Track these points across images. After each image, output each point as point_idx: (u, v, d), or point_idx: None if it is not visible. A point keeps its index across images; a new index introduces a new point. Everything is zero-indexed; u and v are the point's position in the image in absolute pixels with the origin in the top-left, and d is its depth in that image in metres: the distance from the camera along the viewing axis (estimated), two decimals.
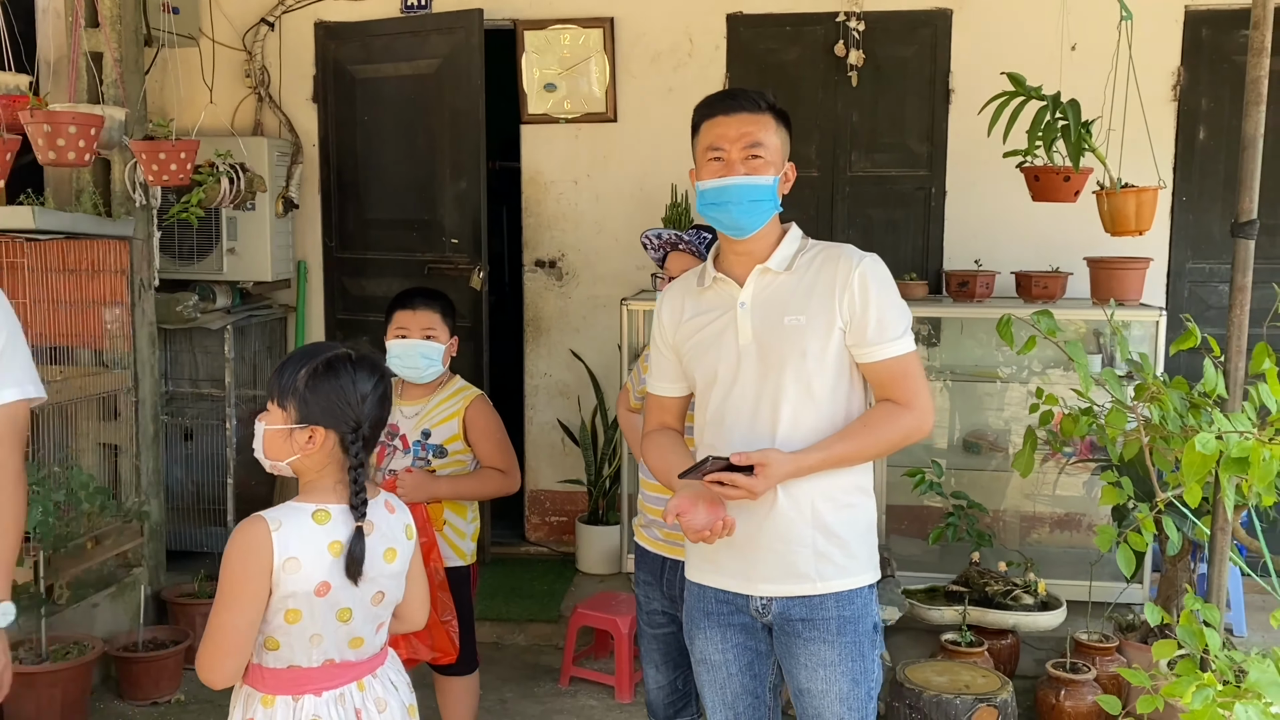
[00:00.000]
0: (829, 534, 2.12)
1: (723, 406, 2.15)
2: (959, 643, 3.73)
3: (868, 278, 2.09)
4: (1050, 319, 2.43)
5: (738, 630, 2.21)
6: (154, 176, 3.21)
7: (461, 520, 3.00)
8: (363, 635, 1.95)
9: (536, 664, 4.20)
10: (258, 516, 1.87)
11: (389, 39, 4.81)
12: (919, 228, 4.76)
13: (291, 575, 1.85)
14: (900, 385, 2.10)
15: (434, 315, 2.92)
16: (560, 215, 4.92)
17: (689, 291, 2.25)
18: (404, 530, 2.02)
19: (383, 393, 1.95)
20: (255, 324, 4.91)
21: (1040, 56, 4.12)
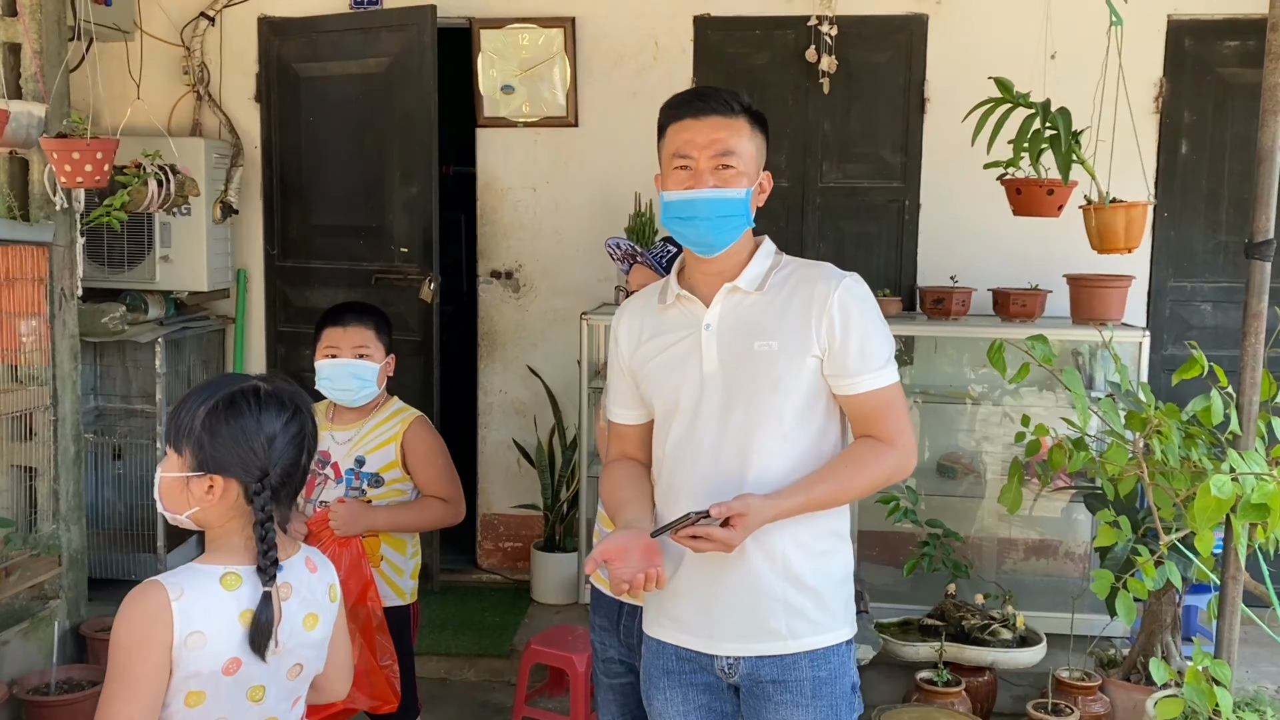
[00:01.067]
0: (801, 586, 1.91)
1: (684, 440, 1.93)
2: (935, 682, 3.53)
3: (849, 302, 1.90)
4: (1045, 345, 2.22)
5: (701, 690, 1.98)
6: (67, 178, 2.93)
7: (400, 556, 2.75)
8: (277, 714, 1.70)
9: (486, 702, 3.95)
10: (154, 582, 1.60)
11: (337, 36, 4.55)
12: (892, 241, 4.57)
13: (195, 652, 1.58)
14: (884, 420, 1.90)
15: (367, 332, 2.68)
16: (518, 224, 4.67)
17: (649, 309, 2.02)
18: (327, 592, 1.76)
19: (297, 432, 1.68)
20: (190, 336, 4.62)
21: (1019, 65, 3.91)
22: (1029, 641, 3.72)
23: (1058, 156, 2.92)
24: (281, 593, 1.67)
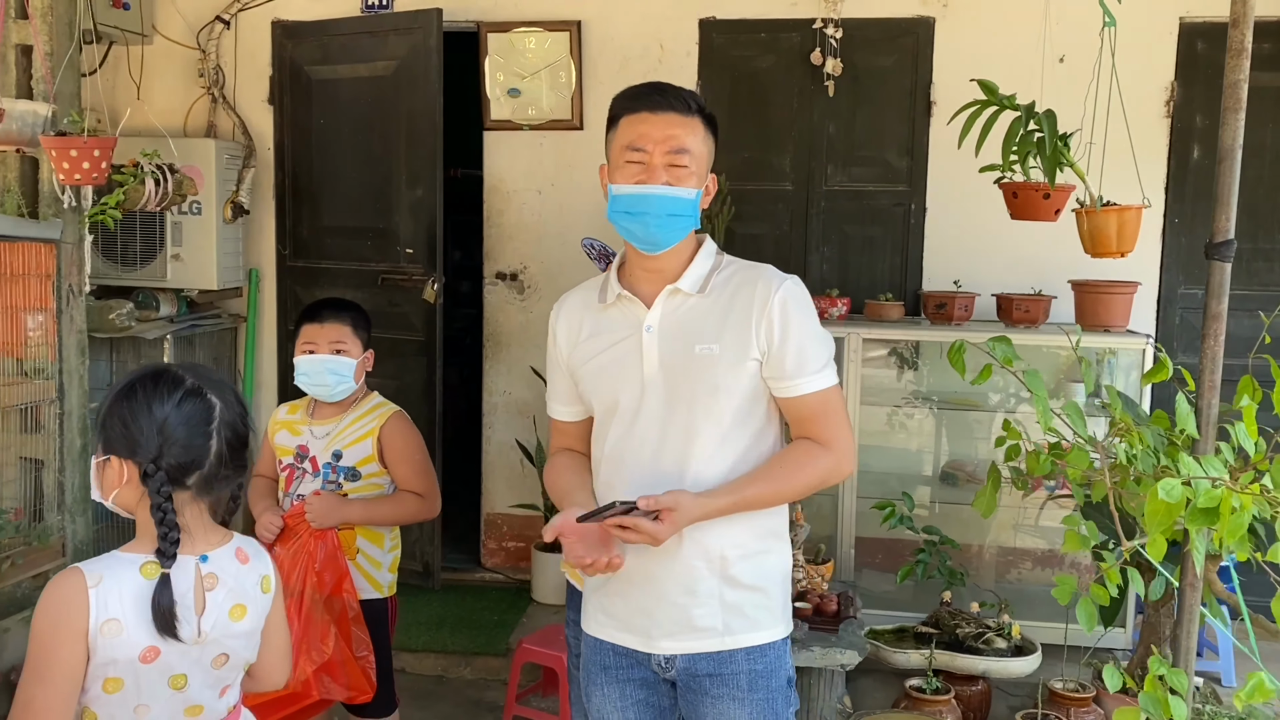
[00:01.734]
0: (736, 584, 1.91)
1: (624, 442, 1.92)
2: (924, 689, 3.49)
3: (789, 304, 1.88)
4: (1007, 345, 2.20)
5: (638, 686, 1.98)
6: (65, 175, 3.01)
7: (377, 549, 2.78)
8: (201, 702, 1.70)
9: (480, 700, 3.97)
10: (74, 569, 1.62)
11: (347, 39, 4.61)
12: (897, 245, 4.53)
13: (111, 640, 1.59)
14: (820, 423, 1.90)
15: (343, 328, 2.71)
16: (523, 226, 4.70)
17: (588, 306, 2.01)
18: (259, 583, 1.76)
19: (195, 414, 1.67)
20: (201, 334, 4.70)
21: (1027, 68, 3.89)
22: (1024, 651, 3.67)
23: (1043, 159, 2.88)
24: (206, 583, 1.68)
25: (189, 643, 1.65)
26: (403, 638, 4.18)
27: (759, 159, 4.57)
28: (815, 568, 3.80)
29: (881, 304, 4.27)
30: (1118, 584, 2.25)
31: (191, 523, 1.69)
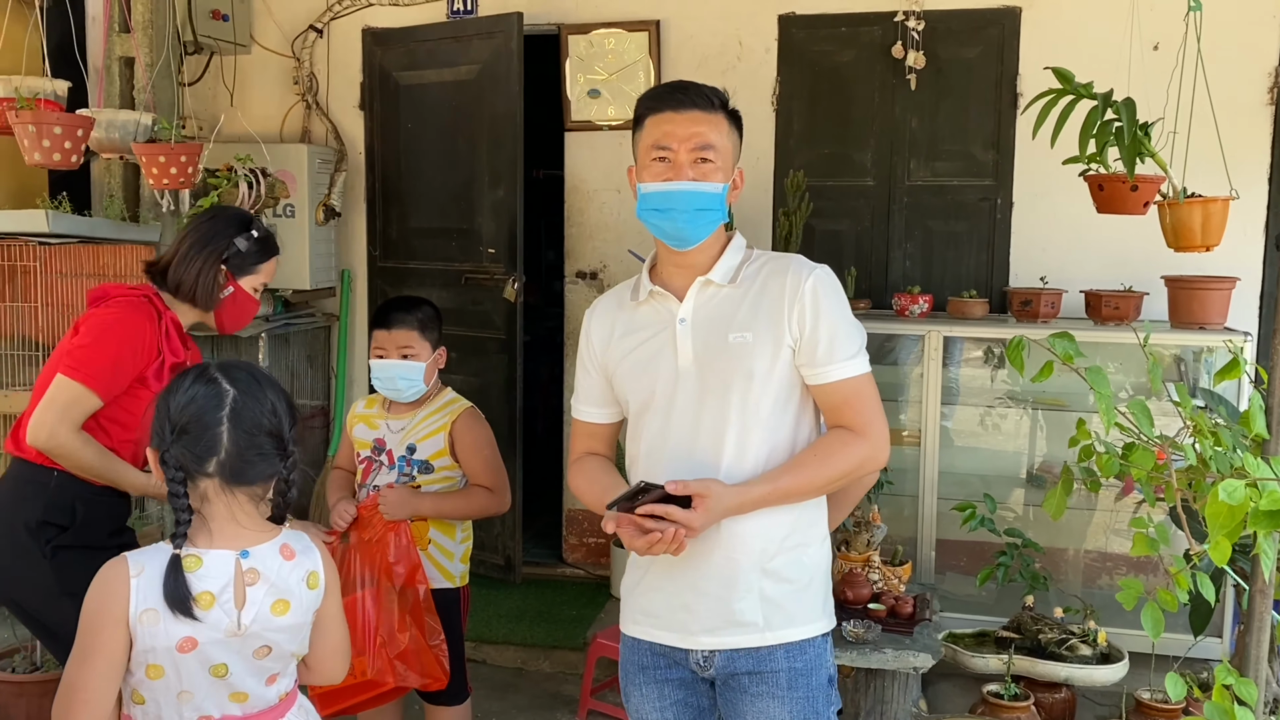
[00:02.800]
0: (776, 578, 1.90)
1: (660, 435, 1.93)
2: (1001, 695, 3.41)
3: (819, 291, 1.89)
4: (1069, 342, 2.13)
5: (676, 686, 1.98)
6: (155, 180, 3.15)
7: (449, 540, 2.84)
8: (246, 690, 1.75)
9: (557, 693, 4.02)
10: (122, 558, 1.68)
11: (433, 45, 4.72)
12: (982, 241, 4.43)
13: (149, 628, 1.65)
14: (853, 410, 1.90)
15: (411, 333, 2.77)
16: (603, 225, 4.75)
17: (621, 306, 2.03)
18: (304, 579, 1.79)
19: (199, 399, 1.69)
20: (295, 332, 4.86)
21: (1117, 58, 3.77)
22: (1111, 659, 3.55)
23: (1122, 149, 2.78)
24: (247, 577, 1.71)
25: (226, 635, 1.69)
26: (483, 629, 4.27)
27: (839, 154, 4.52)
28: (892, 569, 3.74)
29: (964, 301, 4.18)
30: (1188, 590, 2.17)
31: (226, 514, 1.72)
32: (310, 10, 4.95)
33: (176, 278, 2.57)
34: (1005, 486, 4.32)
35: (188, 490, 1.70)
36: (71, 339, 2.49)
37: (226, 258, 2.60)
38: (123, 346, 2.44)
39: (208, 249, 2.58)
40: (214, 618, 1.68)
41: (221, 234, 2.62)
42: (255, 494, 1.75)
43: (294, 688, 1.87)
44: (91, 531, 2.46)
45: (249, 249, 2.65)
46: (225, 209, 2.82)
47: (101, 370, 2.41)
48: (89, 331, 2.46)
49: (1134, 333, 3.82)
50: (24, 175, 4.27)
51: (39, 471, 2.43)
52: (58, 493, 2.43)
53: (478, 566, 4.69)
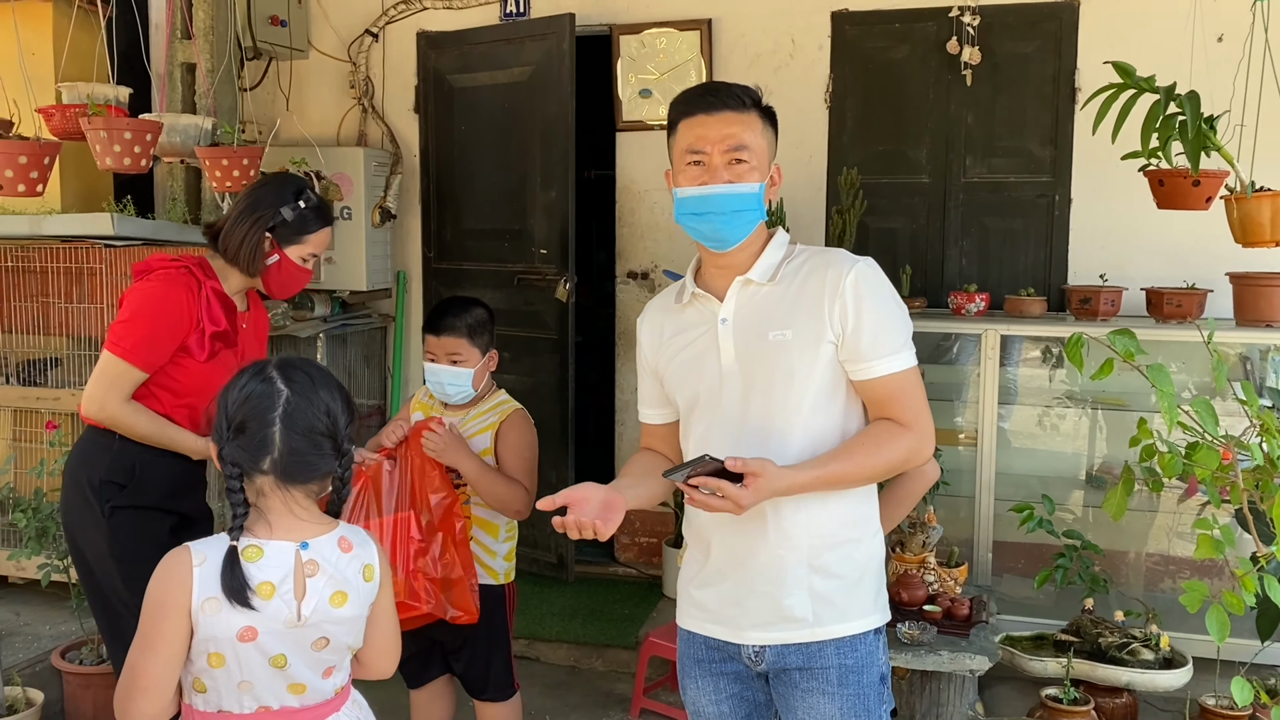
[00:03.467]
0: (826, 573, 1.90)
1: (706, 434, 1.94)
2: (1060, 699, 3.35)
3: (861, 285, 1.86)
4: (1130, 339, 2.10)
5: (731, 679, 1.99)
6: (218, 182, 3.22)
7: (491, 538, 2.86)
8: (304, 681, 1.77)
9: (610, 692, 4.03)
10: (185, 547, 1.71)
11: (486, 47, 4.76)
12: (1040, 238, 4.36)
13: (210, 617, 1.68)
14: (899, 404, 1.88)
15: (459, 340, 2.78)
16: (654, 225, 4.75)
17: (668, 309, 2.05)
18: (361, 571, 1.81)
19: (253, 399, 1.72)
20: (353, 333, 4.93)
21: (1180, 50, 3.69)
22: (1174, 663, 3.47)
23: (1186, 144, 2.72)
24: (307, 569, 1.74)
25: (286, 625, 1.72)
26: (536, 627, 4.30)
27: (894, 152, 4.48)
28: (948, 570, 3.70)
29: (1022, 299, 4.12)
30: (1254, 593, 2.12)
31: (282, 509, 1.75)
32: (366, 15, 5.01)
33: (225, 242, 2.66)
34: (1064, 488, 4.25)
35: (244, 485, 1.74)
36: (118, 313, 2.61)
37: (273, 225, 2.64)
38: (160, 320, 2.54)
39: (255, 215, 2.64)
40: (274, 608, 1.71)
41: (270, 202, 2.66)
42: (311, 490, 1.78)
43: (349, 682, 1.90)
44: (148, 492, 2.58)
45: (295, 218, 2.66)
46: (282, 176, 2.84)
47: (139, 344, 2.52)
48: (129, 306, 2.57)
49: (1197, 330, 3.75)
50: (90, 180, 4.38)
51: (103, 435, 2.58)
52: (119, 455, 2.56)
53: (530, 564, 4.75)
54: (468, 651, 2.83)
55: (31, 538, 3.27)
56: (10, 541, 3.82)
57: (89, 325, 3.65)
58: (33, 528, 3.25)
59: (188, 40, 3.99)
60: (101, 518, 2.54)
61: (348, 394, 1.86)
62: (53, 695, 3.32)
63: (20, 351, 3.89)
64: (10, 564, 3.69)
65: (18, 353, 3.89)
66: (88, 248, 3.56)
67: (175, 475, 2.61)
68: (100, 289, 3.55)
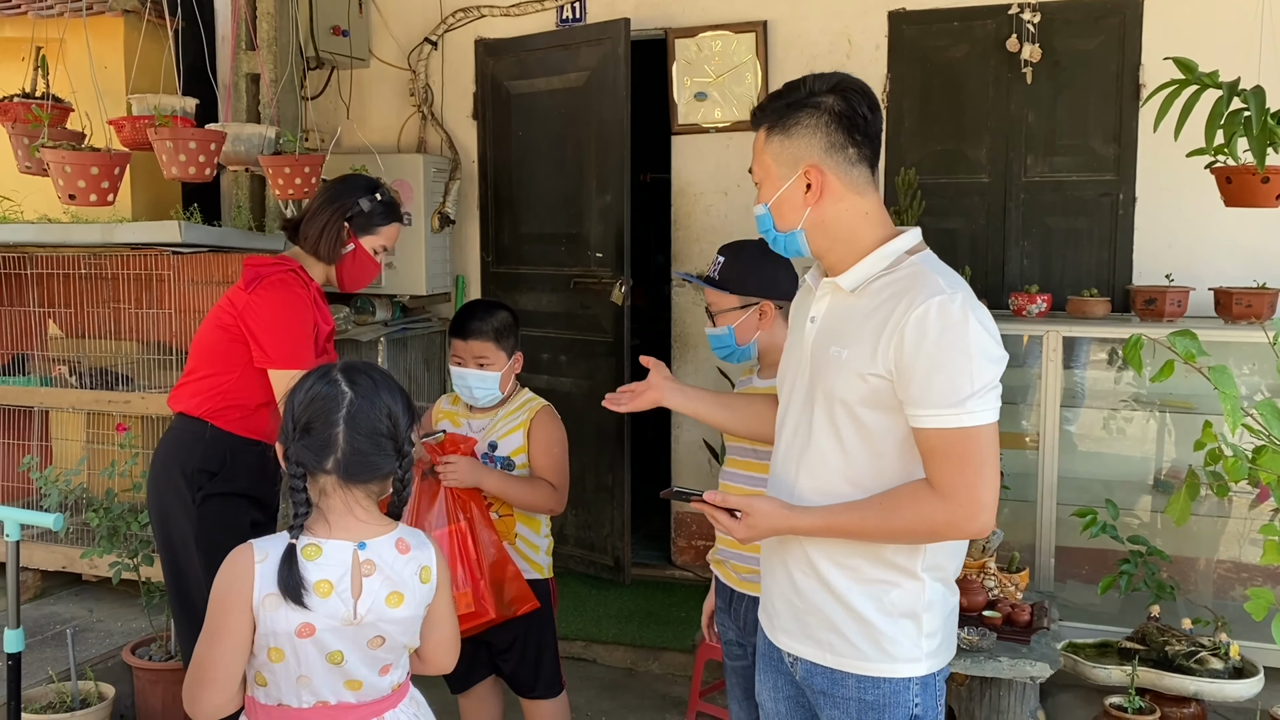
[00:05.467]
0: (849, 609, 1.78)
1: (779, 428, 1.92)
2: (1125, 708, 3.28)
3: (927, 324, 1.65)
4: (1191, 340, 2.05)
5: (788, 681, 1.96)
6: (280, 190, 3.29)
7: (534, 534, 2.89)
8: (360, 678, 1.81)
9: (666, 695, 4.03)
10: (248, 545, 1.77)
11: (542, 53, 4.80)
12: (1104, 238, 4.28)
13: (271, 613, 1.72)
14: (940, 466, 1.67)
15: (486, 344, 2.80)
16: (709, 228, 4.75)
17: (806, 287, 1.97)
18: (418, 573, 1.84)
19: (319, 401, 1.77)
20: (413, 336, 5.00)
21: (1248, 45, 3.61)
22: (1245, 673, 3.38)
23: (1250, 140, 2.65)
24: (364, 569, 1.78)
25: (343, 623, 1.76)
26: (593, 629, 4.32)
27: (953, 151, 4.43)
28: (1008, 575, 3.64)
29: (1085, 300, 4.04)
30: None
31: (343, 508, 1.79)
32: (425, 23, 5.08)
33: (305, 231, 2.82)
34: (1130, 493, 4.16)
35: (307, 485, 1.78)
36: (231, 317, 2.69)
37: (350, 215, 2.81)
38: (302, 321, 2.70)
39: (334, 205, 2.81)
40: (331, 606, 1.75)
41: (348, 193, 2.84)
42: (371, 491, 1.81)
43: (406, 679, 1.93)
44: (235, 478, 2.72)
45: (372, 209, 2.85)
46: (357, 175, 3.04)
47: (300, 348, 2.66)
48: (267, 319, 2.66)
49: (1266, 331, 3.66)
50: (159, 189, 4.51)
51: (197, 423, 2.72)
52: (211, 444, 2.71)
53: (587, 567, 4.77)
54: (517, 650, 2.85)
55: (104, 536, 3.37)
56: (84, 540, 3.93)
57: (158, 330, 3.75)
58: (105, 527, 3.35)
59: (252, 51, 4.08)
60: (191, 505, 2.68)
61: (409, 397, 1.90)
62: (124, 690, 3.42)
63: (94, 356, 4.01)
64: (84, 562, 3.80)
65: (91, 357, 4.02)
66: (156, 255, 3.66)
67: (259, 464, 2.73)
68: (168, 295, 3.65)
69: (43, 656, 3.58)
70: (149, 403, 3.77)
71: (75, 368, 3.97)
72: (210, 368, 2.72)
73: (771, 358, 2.56)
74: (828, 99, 1.76)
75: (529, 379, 4.06)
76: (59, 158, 2.76)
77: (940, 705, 1.82)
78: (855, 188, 1.78)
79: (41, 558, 4.05)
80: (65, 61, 3.64)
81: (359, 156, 4.39)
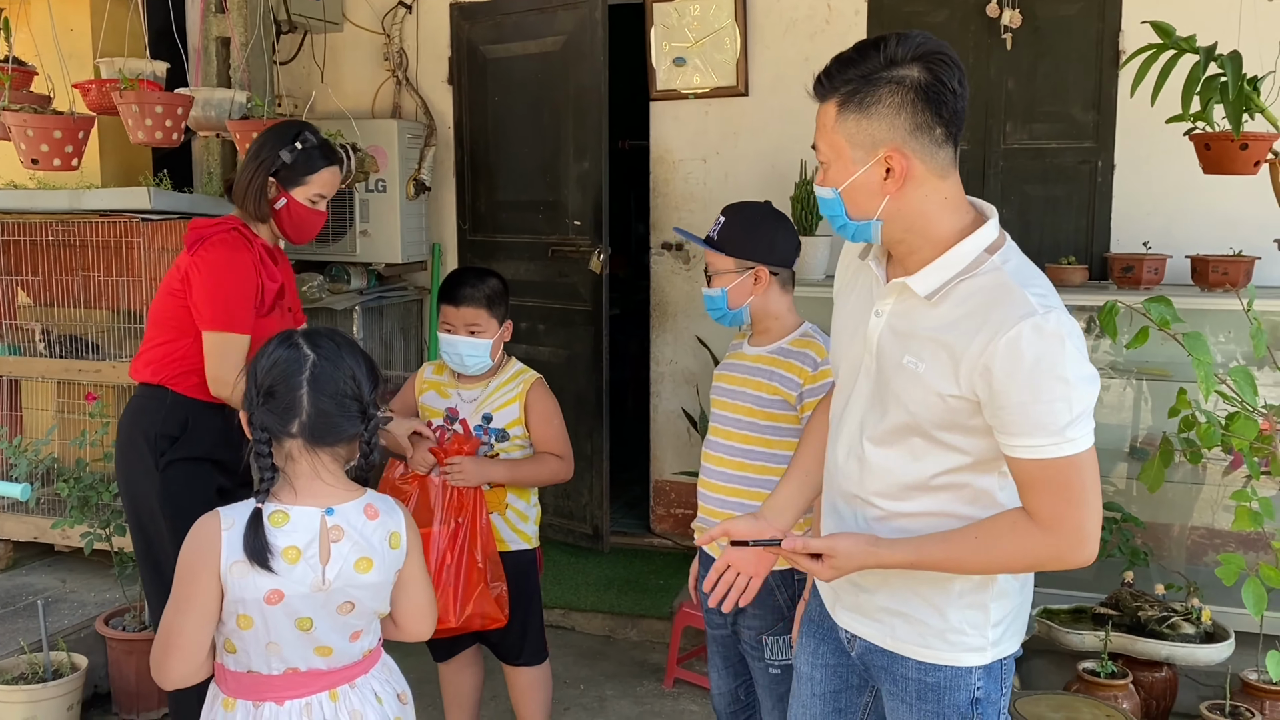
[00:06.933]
0: (912, 595, 1.72)
1: (838, 418, 1.79)
2: (1098, 673, 3.31)
3: (1020, 350, 1.50)
4: (1167, 306, 2.04)
5: (831, 650, 1.89)
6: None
7: (524, 503, 2.89)
8: (330, 644, 1.80)
9: (644, 662, 4.05)
10: (215, 512, 1.76)
11: (519, 17, 4.73)
12: (1083, 206, 4.27)
13: (239, 580, 1.72)
14: (1041, 497, 1.55)
15: (479, 311, 2.78)
16: (688, 195, 4.71)
17: (855, 250, 1.80)
18: (387, 539, 1.83)
19: (281, 362, 1.76)
20: (388, 305, 4.96)
21: (1228, 10, 3.59)
22: (1216, 637, 3.42)
23: (1227, 106, 2.64)
24: (332, 534, 1.77)
25: (311, 589, 1.75)
26: (571, 597, 4.33)
27: None
28: None
29: (1062, 268, 4.04)
30: None
31: (310, 473, 1.78)
32: None
33: (235, 190, 2.77)
34: (1106, 460, 4.18)
35: (272, 450, 1.76)
36: (180, 282, 2.66)
37: (276, 170, 2.72)
38: (240, 282, 2.63)
39: (256, 162, 2.74)
40: (299, 572, 1.74)
41: (269, 146, 2.75)
42: (338, 454, 1.81)
43: (378, 645, 1.92)
44: (197, 443, 2.69)
45: (294, 160, 2.73)
46: (284, 123, 2.94)
47: (234, 310, 2.61)
48: (204, 280, 2.62)
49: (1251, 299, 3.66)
50: (128, 155, 4.43)
51: (157, 390, 2.70)
52: (173, 409, 2.68)
53: (566, 535, 4.77)
54: None
55: (75, 507, 3.34)
56: (56, 511, 3.90)
57: (128, 298, 3.70)
58: (75, 497, 3.31)
59: (222, 14, 4.00)
60: (155, 471, 2.66)
61: (372, 361, 1.90)
62: (97, 660, 3.40)
63: (62, 325, 3.96)
64: (56, 533, 3.77)
65: (60, 325, 3.96)
66: (126, 221, 3.60)
67: (220, 428, 2.68)
68: (139, 262, 3.59)
69: (14, 628, 3.56)
70: (119, 371, 3.72)
71: (46, 335, 3.91)
72: (166, 334, 2.69)
73: (764, 324, 2.54)
74: (912, 71, 1.55)
75: (507, 348, 4.03)
76: (20, 121, 2.71)
77: (1006, 687, 1.76)
78: (939, 171, 1.59)
79: (13, 528, 4.02)
80: (30, 24, 3.57)
81: (332, 121, 4.32)
